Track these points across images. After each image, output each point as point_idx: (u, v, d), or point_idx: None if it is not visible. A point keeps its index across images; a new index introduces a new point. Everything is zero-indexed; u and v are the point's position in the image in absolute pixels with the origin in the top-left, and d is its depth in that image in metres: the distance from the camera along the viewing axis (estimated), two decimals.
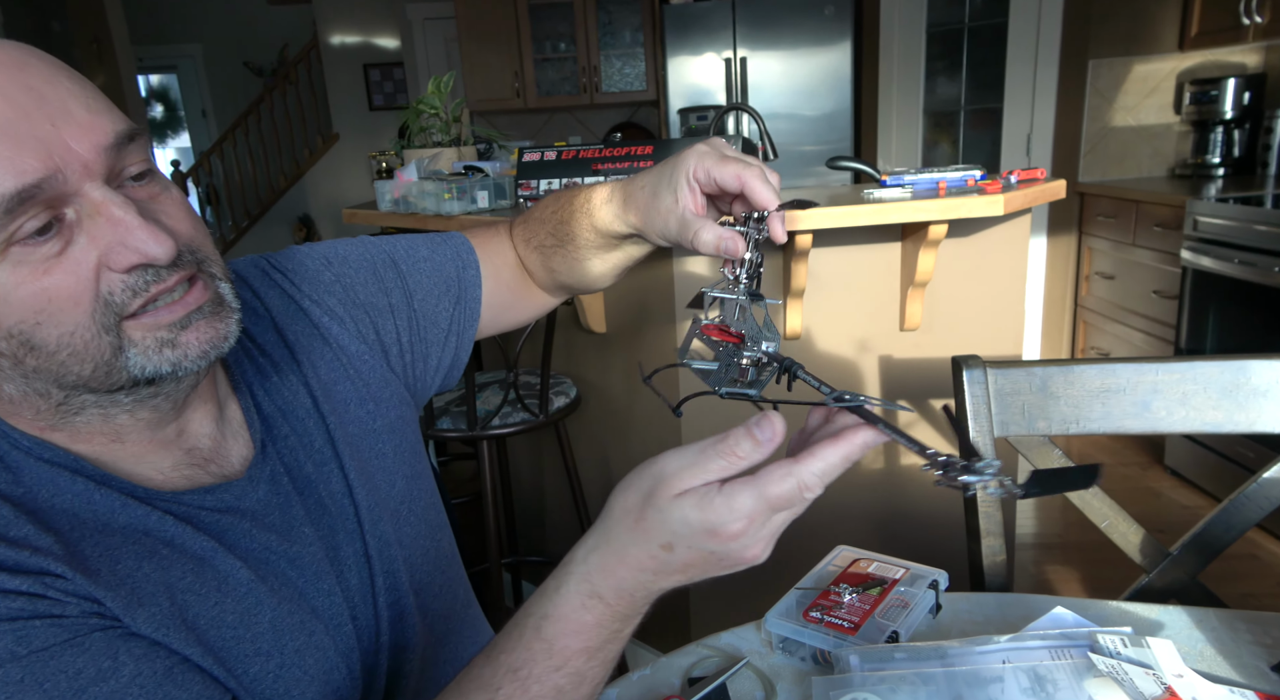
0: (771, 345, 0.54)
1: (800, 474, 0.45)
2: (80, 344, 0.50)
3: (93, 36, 5.37)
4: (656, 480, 0.47)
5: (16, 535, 0.48)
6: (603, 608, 0.50)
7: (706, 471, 0.46)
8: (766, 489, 0.45)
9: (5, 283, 0.47)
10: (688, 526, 0.46)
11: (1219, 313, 2.57)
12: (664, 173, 0.65)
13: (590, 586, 0.50)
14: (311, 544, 0.62)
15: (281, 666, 0.56)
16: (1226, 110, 3.07)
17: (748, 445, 0.45)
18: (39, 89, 0.47)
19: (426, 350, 0.78)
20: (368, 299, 0.74)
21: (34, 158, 0.46)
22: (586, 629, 0.50)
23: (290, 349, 0.68)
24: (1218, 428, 0.95)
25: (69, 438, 0.54)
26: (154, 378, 0.52)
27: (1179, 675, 0.63)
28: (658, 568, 0.48)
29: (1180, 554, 0.96)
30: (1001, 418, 0.99)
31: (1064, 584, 2.29)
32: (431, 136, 2.21)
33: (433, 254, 0.80)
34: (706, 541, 0.46)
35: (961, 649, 0.71)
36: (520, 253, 0.84)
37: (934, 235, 1.57)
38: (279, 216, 7.00)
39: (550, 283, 0.84)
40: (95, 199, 0.49)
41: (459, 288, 0.80)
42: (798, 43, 3.93)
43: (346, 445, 0.67)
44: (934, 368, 1.80)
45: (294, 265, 0.73)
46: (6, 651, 0.45)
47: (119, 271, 0.50)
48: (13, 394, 0.52)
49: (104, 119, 0.50)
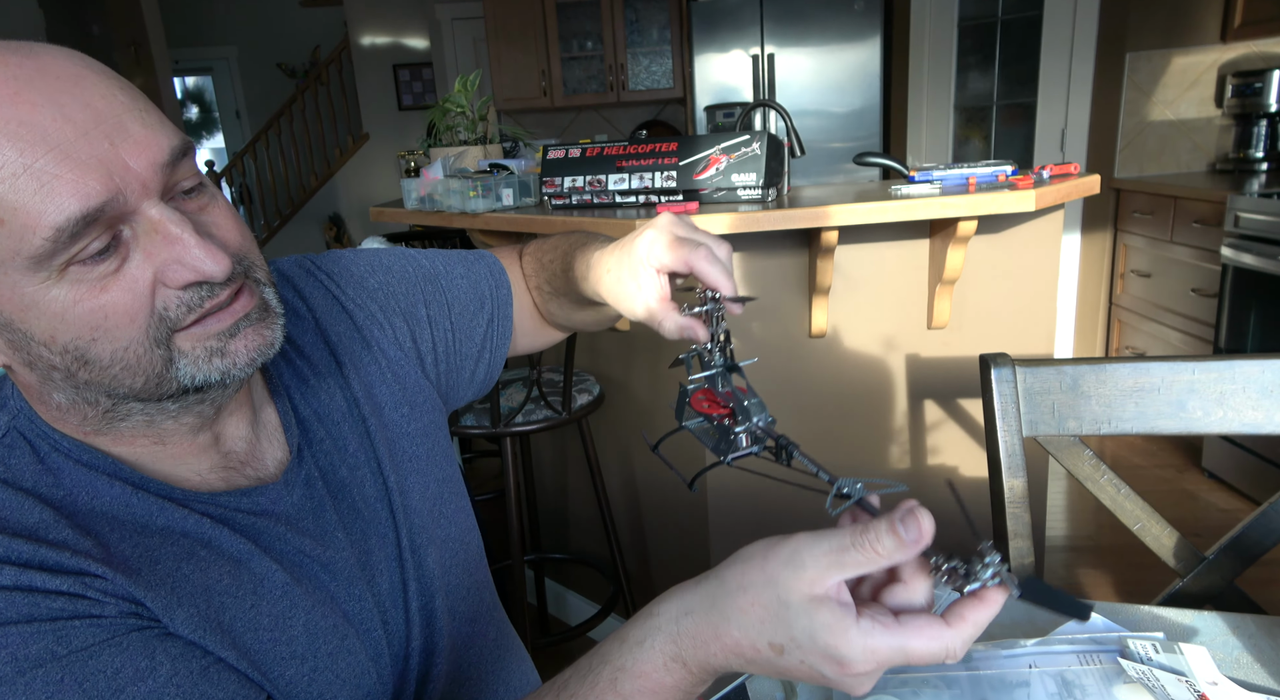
0: (760, 418, 0.54)
1: (950, 641, 0.42)
2: (134, 358, 0.50)
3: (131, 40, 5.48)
4: (789, 567, 0.44)
5: (57, 538, 0.49)
6: (685, 673, 0.47)
7: (843, 567, 0.43)
8: (910, 644, 0.42)
9: (63, 300, 0.48)
10: (812, 642, 0.43)
11: (1261, 312, 2.50)
12: (624, 260, 0.66)
13: (677, 649, 0.47)
14: (344, 549, 0.62)
15: (315, 670, 0.56)
16: (1271, 103, 2.99)
17: (890, 543, 0.42)
18: (95, 105, 0.47)
19: (460, 363, 0.79)
20: (408, 308, 0.75)
21: (96, 180, 0.46)
22: (664, 690, 0.48)
23: (332, 350, 0.69)
24: (1257, 429, 0.92)
25: (111, 441, 0.55)
26: (203, 386, 0.53)
27: (1213, 683, 0.61)
28: (755, 659, 0.45)
29: (1216, 558, 0.93)
30: (1030, 417, 0.97)
31: (1096, 588, 2.24)
32: (458, 135, 2.22)
33: (469, 272, 0.81)
34: (824, 665, 0.43)
35: (987, 652, 0.70)
36: (528, 287, 0.86)
37: (963, 232, 1.54)
38: (310, 216, 7.09)
39: (552, 322, 0.87)
40: (153, 217, 0.49)
41: (493, 305, 0.81)
42: (826, 38, 3.89)
43: (385, 447, 0.68)
44: (962, 367, 1.77)
45: (338, 268, 0.74)
46: (47, 651, 0.46)
47: (174, 288, 0.50)
48: (62, 402, 0.53)
49: (159, 135, 0.50)
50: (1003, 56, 3.66)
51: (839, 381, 1.76)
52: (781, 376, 1.74)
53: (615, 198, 1.72)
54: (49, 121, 0.45)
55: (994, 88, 3.72)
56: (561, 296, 0.80)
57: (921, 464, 1.83)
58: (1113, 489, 0.96)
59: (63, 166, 0.45)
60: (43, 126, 0.45)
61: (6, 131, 0.44)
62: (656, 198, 1.68)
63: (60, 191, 0.45)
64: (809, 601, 0.43)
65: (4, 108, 0.45)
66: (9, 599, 0.46)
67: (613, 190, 1.71)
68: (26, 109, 0.45)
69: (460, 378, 0.80)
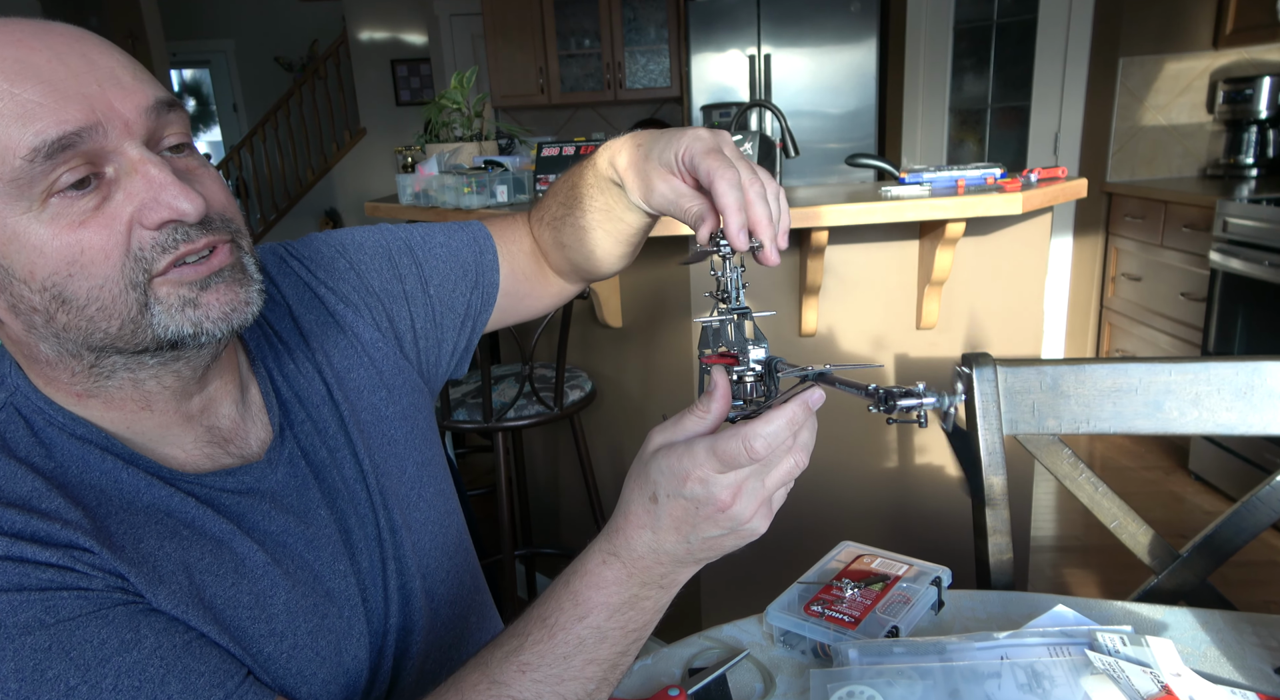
0: (761, 352, 0.55)
1: (745, 433, 0.48)
2: (109, 298, 0.52)
3: (128, 32, 5.48)
4: (646, 443, 0.53)
5: (48, 508, 0.50)
6: (619, 565, 0.54)
7: (682, 428, 0.52)
8: (716, 443, 0.49)
9: (42, 234, 0.50)
10: (662, 474, 0.51)
11: (1248, 316, 2.53)
12: (659, 140, 0.63)
13: (610, 545, 0.54)
14: (327, 526, 0.64)
15: (295, 647, 0.58)
16: (1261, 110, 3.01)
17: (708, 402, 0.52)
18: (91, 56, 0.51)
19: (441, 336, 0.79)
20: (382, 286, 0.75)
21: (77, 110, 0.49)
22: (606, 584, 0.54)
23: (304, 336, 0.70)
24: (1231, 430, 0.94)
25: (103, 404, 0.57)
26: (176, 339, 0.54)
27: (1177, 674, 0.63)
28: (653, 524, 0.52)
29: (1190, 556, 0.95)
30: (1011, 416, 0.99)
31: (1080, 587, 2.26)
32: (453, 131, 2.23)
33: (449, 240, 0.81)
34: (679, 487, 0.50)
35: (960, 644, 0.71)
36: (536, 235, 0.85)
37: (951, 233, 1.56)
38: (306, 210, 7.09)
39: (564, 264, 0.83)
40: (133, 157, 0.51)
41: (476, 272, 0.81)
42: (823, 39, 3.91)
43: (358, 431, 0.69)
44: (949, 366, 1.79)
45: (310, 252, 0.74)
46: (35, 620, 0.47)
47: (150, 228, 0.52)
48: (49, 355, 0.55)
49: (147, 86, 0.53)
50: (997, 60, 3.68)
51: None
52: None
53: None
54: (44, 62, 0.49)
55: (989, 91, 3.74)
56: (575, 210, 0.76)
57: (907, 462, 1.85)
58: (1090, 487, 0.98)
59: (48, 97, 0.48)
60: (37, 65, 0.49)
61: (2, 68, 0.48)
62: None
63: (42, 117, 0.48)
64: (657, 450, 0.52)
65: (4, 49, 0.49)
66: (1, 568, 0.47)
67: None
68: (25, 51, 0.49)
69: (443, 349, 0.80)
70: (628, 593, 0.54)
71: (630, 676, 0.76)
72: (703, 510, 0.51)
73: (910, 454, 1.84)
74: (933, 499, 1.86)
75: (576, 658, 0.54)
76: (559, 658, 0.54)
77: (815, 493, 1.83)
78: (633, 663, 0.59)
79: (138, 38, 5.51)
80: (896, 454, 1.84)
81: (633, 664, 0.77)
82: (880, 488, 1.86)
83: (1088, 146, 3.43)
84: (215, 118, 8.55)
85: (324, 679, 0.59)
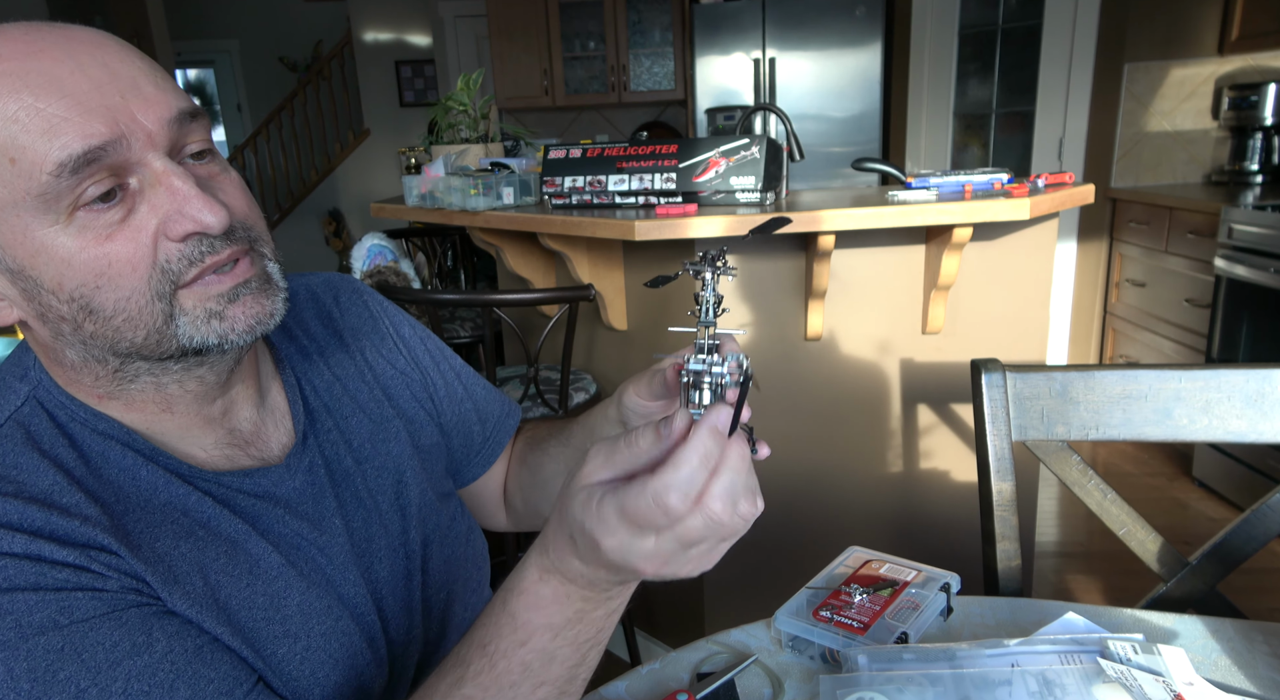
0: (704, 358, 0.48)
1: (654, 487, 0.41)
2: (135, 309, 0.52)
3: (133, 32, 5.48)
4: (579, 465, 0.47)
5: (68, 503, 0.51)
6: (558, 581, 0.49)
7: (612, 464, 0.46)
8: (625, 501, 0.43)
9: (70, 247, 0.50)
10: (574, 522, 0.45)
11: (1252, 323, 2.52)
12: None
13: (545, 559, 0.49)
14: (339, 535, 0.64)
15: (308, 649, 0.58)
16: (1267, 116, 3.01)
17: (648, 440, 0.45)
18: (112, 65, 0.51)
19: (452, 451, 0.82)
20: (433, 379, 0.79)
21: (101, 124, 0.49)
22: (545, 603, 0.49)
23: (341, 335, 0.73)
24: (1241, 437, 0.94)
25: (124, 406, 0.57)
26: (201, 349, 0.54)
27: (1189, 683, 0.62)
28: (580, 555, 0.47)
29: (1199, 564, 0.95)
30: (1020, 422, 0.98)
31: (1085, 593, 2.26)
32: (459, 133, 2.23)
33: (488, 392, 0.85)
34: (594, 552, 0.45)
35: (970, 651, 0.71)
36: (511, 461, 0.87)
37: (958, 238, 1.56)
38: (309, 210, 7.09)
39: (511, 502, 0.87)
40: (157, 169, 0.51)
41: (494, 426, 0.84)
42: (828, 43, 3.91)
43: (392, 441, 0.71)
44: (955, 371, 1.78)
45: (390, 306, 0.79)
46: (50, 620, 0.48)
47: (175, 240, 0.52)
48: (74, 360, 0.55)
49: (169, 96, 0.52)
50: (1002, 65, 3.68)
51: (834, 385, 1.77)
52: (777, 379, 1.75)
53: (615, 198, 1.73)
54: (66, 74, 0.49)
55: (993, 95, 3.74)
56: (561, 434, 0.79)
57: (914, 467, 1.85)
58: (1099, 494, 0.98)
59: (72, 111, 0.48)
60: (60, 78, 0.49)
61: (27, 81, 0.48)
62: (656, 199, 1.69)
63: (67, 132, 0.48)
64: (578, 490, 0.46)
65: (28, 61, 0.48)
66: (19, 567, 0.48)
67: (612, 191, 1.73)
68: (48, 62, 0.49)
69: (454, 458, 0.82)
70: (570, 610, 0.49)
71: (639, 681, 0.76)
72: (624, 573, 0.46)
73: (917, 459, 1.84)
74: (940, 504, 1.86)
75: (524, 684, 0.51)
76: (505, 687, 0.51)
77: (822, 497, 1.83)
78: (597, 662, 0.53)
79: (142, 37, 5.51)
80: (903, 459, 1.84)
81: (641, 669, 0.77)
82: (887, 493, 1.85)
83: (1092, 152, 3.43)
84: (219, 118, 8.55)
85: (337, 682, 0.59)
